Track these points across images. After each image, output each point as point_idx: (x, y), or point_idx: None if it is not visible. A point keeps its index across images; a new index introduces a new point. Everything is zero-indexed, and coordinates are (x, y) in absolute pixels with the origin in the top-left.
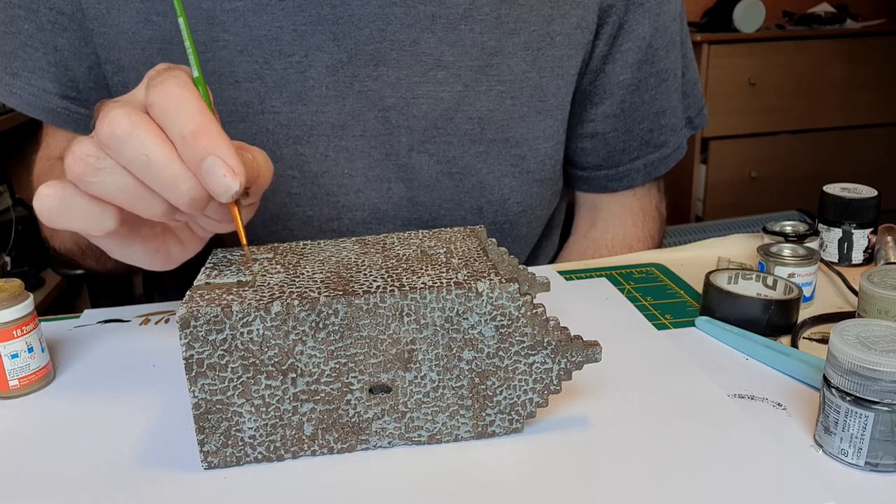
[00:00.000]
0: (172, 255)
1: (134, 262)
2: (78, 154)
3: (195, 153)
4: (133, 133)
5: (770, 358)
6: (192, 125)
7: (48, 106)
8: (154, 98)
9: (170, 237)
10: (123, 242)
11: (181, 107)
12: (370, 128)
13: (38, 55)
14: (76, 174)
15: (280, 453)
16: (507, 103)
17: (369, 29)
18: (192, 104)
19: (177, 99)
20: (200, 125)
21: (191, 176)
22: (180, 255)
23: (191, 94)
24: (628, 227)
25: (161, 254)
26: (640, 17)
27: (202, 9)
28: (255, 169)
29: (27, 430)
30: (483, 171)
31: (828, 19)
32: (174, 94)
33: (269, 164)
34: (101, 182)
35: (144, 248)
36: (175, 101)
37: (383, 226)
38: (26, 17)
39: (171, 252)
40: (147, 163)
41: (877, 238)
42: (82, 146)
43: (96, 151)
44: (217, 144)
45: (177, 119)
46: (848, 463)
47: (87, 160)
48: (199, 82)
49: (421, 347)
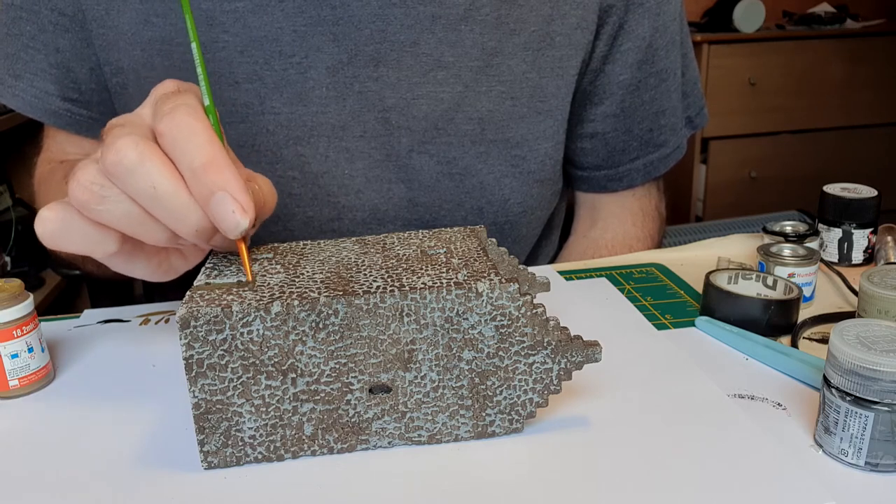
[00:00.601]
0: (175, 268)
1: (136, 275)
2: (83, 181)
3: (204, 187)
4: (141, 164)
5: (770, 358)
6: (203, 158)
7: (50, 108)
8: (164, 127)
9: (172, 252)
10: (126, 260)
11: (191, 138)
12: (370, 128)
13: (40, 57)
14: (80, 201)
15: (280, 453)
16: (508, 104)
17: (369, 30)
18: (203, 135)
19: (187, 130)
20: (211, 158)
21: (198, 209)
22: (182, 266)
23: (201, 124)
24: (628, 226)
25: (163, 267)
26: (640, 18)
27: (202, 10)
28: (261, 199)
29: (27, 430)
30: (483, 172)
31: (828, 19)
32: (185, 125)
33: (273, 193)
34: (105, 210)
35: (147, 263)
36: (185, 132)
37: (384, 226)
38: (28, 18)
39: (174, 265)
40: (154, 194)
41: (877, 238)
42: (87, 173)
43: (101, 180)
44: (227, 179)
45: (186, 151)
46: (848, 463)
47: (92, 188)
48: (210, 111)
49: (421, 347)
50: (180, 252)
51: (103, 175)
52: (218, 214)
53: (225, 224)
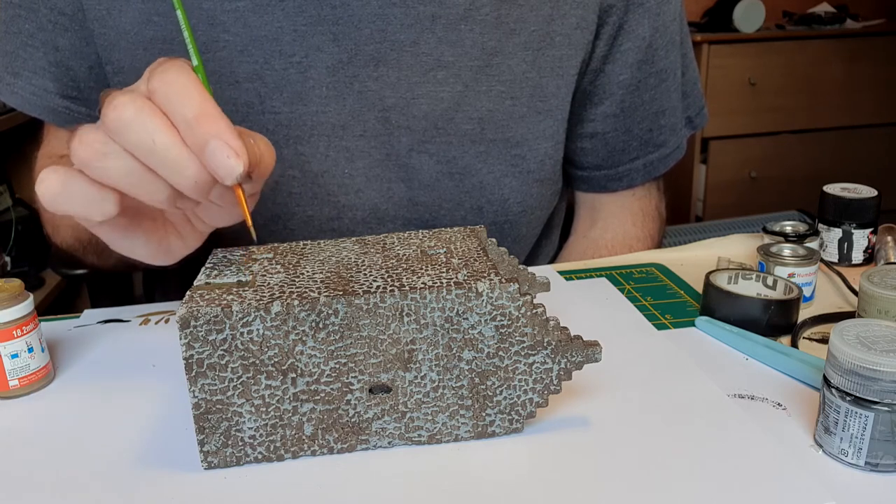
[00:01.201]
0: (173, 250)
1: (135, 255)
2: (84, 139)
3: (199, 137)
4: (138, 118)
5: (770, 358)
6: (195, 110)
7: (49, 105)
8: (155, 84)
9: (170, 231)
10: (125, 234)
11: (183, 92)
12: (370, 128)
13: (39, 55)
14: (82, 158)
15: (280, 453)
16: (507, 103)
17: (369, 29)
18: (194, 89)
19: (178, 84)
20: (203, 110)
21: (195, 160)
22: (180, 249)
23: (192, 80)
24: (628, 226)
25: (162, 247)
26: (640, 17)
27: (203, 9)
28: (256, 154)
29: (27, 430)
30: (483, 171)
31: (828, 19)
32: (176, 80)
33: (270, 150)
34: (106, 167)
35: (146, 240)
36: (177, 87)
37: (384, 225)
38: (27, 17)
39: (172, 246)
40: (153, 147)
41: (877, 238)
42: (88, 132)
43: (102, 137)
44: (220, 128)
45: (179, 104)
46: (848, 463)
47: (94, 145)
48: (199, 70)
49: (421, 347)
50: (178, 232)
51: (104, 133)
52: (213, 161)
53: (221, 170)
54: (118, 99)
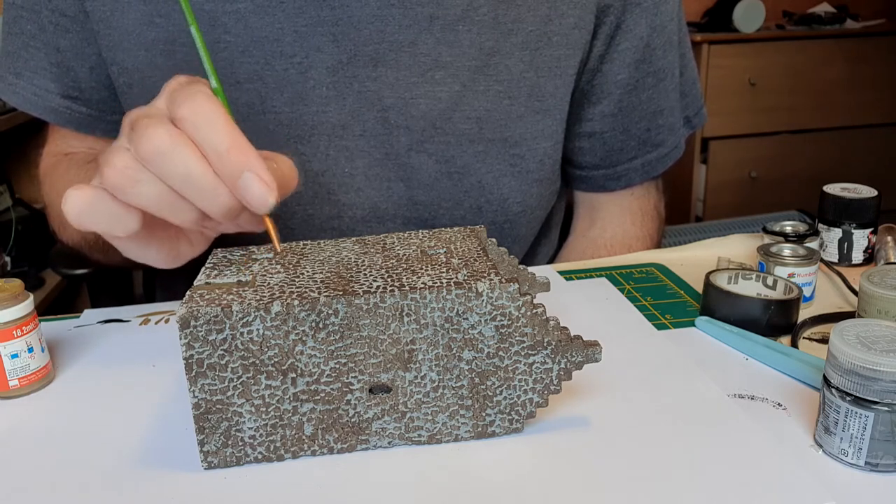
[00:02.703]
0: (182, 255)
1: (146, 260)
2: (117, 166)
3: (231, 168)
4: (174, 149)
5: (770, 358)
6: (227, 142)
7: (50, 105)
8: (184, 113)
9: (182, 238)
10: (141, 244)
11: (212, 122)
12: (370, 127)
13: (40, 55)
14: (114, 184)
15: (280, 453)
16: (505, 103)
17: (368, 30)
18: (222, 119)
19: (207, 114)
20: (233, 141)
21: (227, 189)
22: (189, 253)
23: (218, 108)
24: (627, 226)
25: (172, 254)
26: (638, 17)
27: (204, 10)
28: (280, 177)
29: (27, 430)
30: (482, 171)
31: (828, 19)
32: (204, 110)
33: (293, 170)
34: (139, 193)
35: (159, 248)
36: (205, 117)
37: (383, 224)
38: (28, 18)
39: (182, 251)
40: (187, 177)
41: (877, 238)
42: (121, 158)
43: (135, 164)
44: (251, 160)
45: (209, 135)
46: (848, 463)
47: (126, 172)
48: (219, 93)
49: (421, 347)
50: (188, 239)
51: (136, 160)
52: (247, 193)
53: (254, 202)
54: (152, 129)
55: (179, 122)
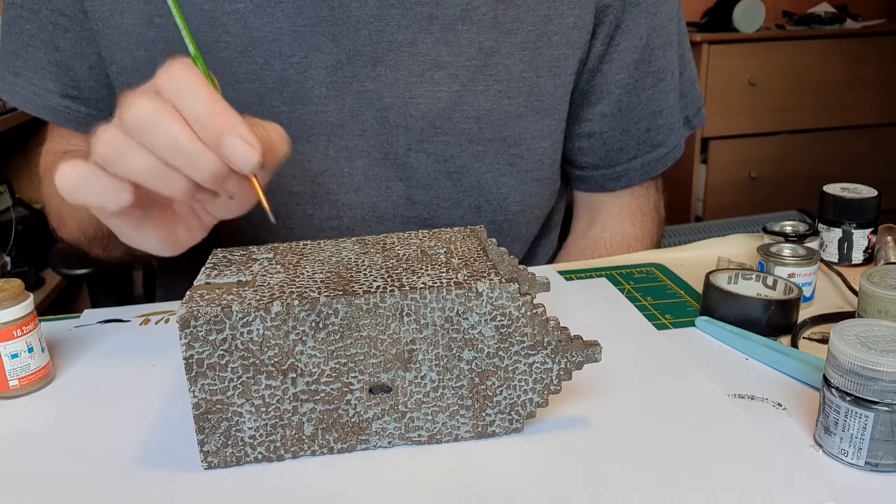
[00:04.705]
0: (180, 241)
1: (144, 245)
2: (105, 138)
3: (213, 132)
4: (156, 118)
5: (770, 358)
6: (208, 107)
7: (49, 104)
8: (163, 82)
9: (178, 222)
10: (136, 225)
11: (191, 89)
12: (369, 127)
13: (40, 55)
14: (103, 156)
15: (280, 453)
16: (505, 103)
17: (367, 30)
18: (201, 86)
19: (187, 82)
20: (213, 106)
21: (212, 154)
22: (187, 240)
23: (198, 76)
24: (626, 226)
25: (170, 238)
26: (637, 17)
27: (203, 10)
28: (267, 141)
29: (27, 430)
30: (481, 171)
31: (828, 19)
32: (182, 78)
33: (282, 137)
34: (127, 164)
35: (155, 231)
36: (185, 84)
37: (382, 224)
38: (28, 17)
39: (179, 237)
40: (173, 145)
41: (877, 238)
42: (109, 130)
43: (122, 135)
44: (232, 122)
45: (190, 102)
46: (848, 463)
47: (114, 143)
48: (198, 59)
49: (421, 347)
50: (185, 224)
51: (123, 131)
52: (231, 154)
53: (239, 161)
54: (136, 100)
55: (160, 92)
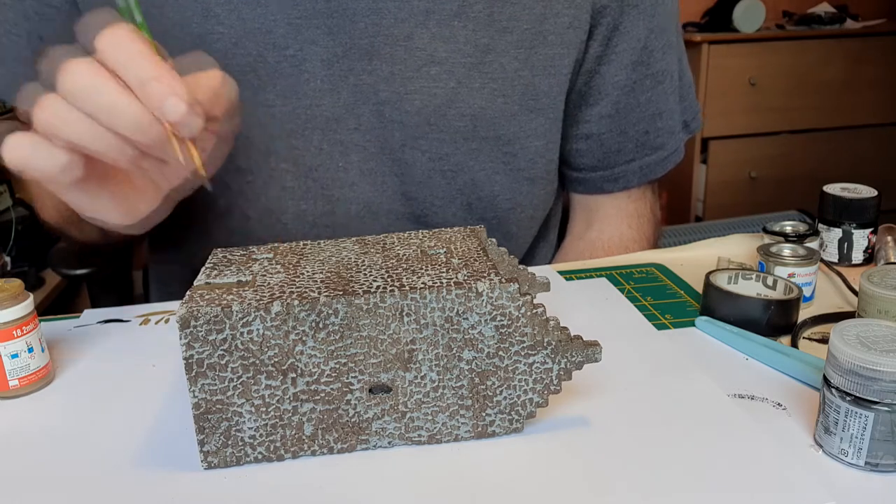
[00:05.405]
0: (138, 209)
1: (103, 217)
2: (45, 107)
3: (155, 97)
4: (95, 84)
5: (770, 358)
6: (148, 71)
7: None
8: (103, 46)
9: (132, 190)
10: (92, 197)
11: (131, 54)
12: (364, 122)
13: (22, 44)
14: (45, 126)
15: (280, 453)
16: (499, 101)
17: (363, 23)
18: (140, 50)
19: (125, 47)
20: (154, 70)
21: (152, 116)
22: (145, 208)
23: (136, 40)
24: (623, 228)
25: (129, 208)
26: (635, 19)
27: (197, 1)
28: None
29: (27, 430)
30: (475, 169)
31: (828, 19)
32: (121, 43)
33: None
34: (69, 133)
35: (112, 201)
36: (125, 49)
37: (377, 220)
38: (11, 5)
39: (137, 206)
40: (112, 109)
41: (877, 238)
42: (48, 99)
43: (62, 103)
44: (172, 86)
45: (130, 67)
46: (848, 463)
47: (55, 111)
48: (143, 27)
49: (421, 347)
50: (141, 192)
51: (62, 99)
52: (172, 118)
53: (181, 126)
54: (72, 66)
55: (100, 54)
